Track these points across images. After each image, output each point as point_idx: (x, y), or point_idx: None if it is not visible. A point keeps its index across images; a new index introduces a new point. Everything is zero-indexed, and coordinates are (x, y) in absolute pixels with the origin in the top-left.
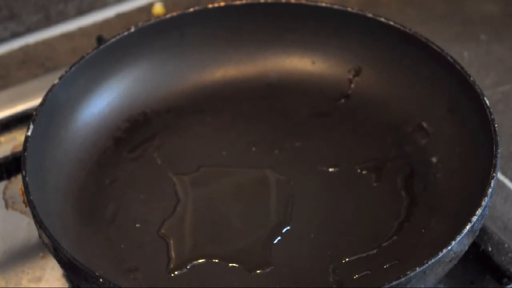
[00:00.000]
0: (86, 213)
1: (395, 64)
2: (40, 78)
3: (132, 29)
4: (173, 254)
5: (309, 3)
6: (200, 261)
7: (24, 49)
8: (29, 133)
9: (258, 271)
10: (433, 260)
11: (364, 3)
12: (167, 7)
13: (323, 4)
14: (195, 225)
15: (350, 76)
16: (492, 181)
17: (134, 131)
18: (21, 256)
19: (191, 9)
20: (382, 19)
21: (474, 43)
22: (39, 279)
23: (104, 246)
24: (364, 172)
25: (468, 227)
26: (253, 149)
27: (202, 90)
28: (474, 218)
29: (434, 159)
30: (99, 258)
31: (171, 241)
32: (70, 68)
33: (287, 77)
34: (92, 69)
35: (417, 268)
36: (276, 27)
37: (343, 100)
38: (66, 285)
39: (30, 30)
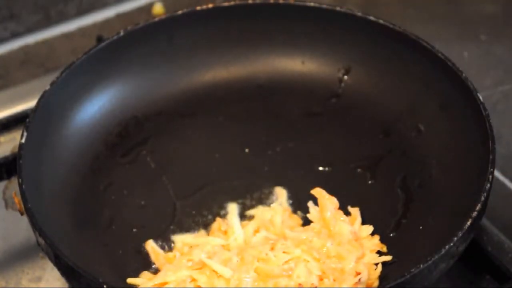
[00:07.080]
0: (82, 220)
1: (385, 62)
2: (40, 78)
3: (121, 33)
4: None
5: (298, 3)
6: None
7: (24, 49)
8: (23, 140)
9: None
10: (436, 257)
11: (363, 3)
12: (167, 7)
13: (311, 4)
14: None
15: (340, 75)
16: (490, 176)
17: (126, 135)
18: (21, 256)
19: (179, 12)
20: (371, 18)
21: (474, 43)
22: (39, 279)
23: (102, 252)
24: (358, 170)
25: (469, 222)
26: (246, 150)
27: (193, 93)
28: (475, 214)
29: (427, 157)
30: (97, 264)
31: None
32: (61, 74)
33: (277, 78)
34: (82, 75)
35: (422, 265)
36: (265, 28)
37: (334, 100)
38: (66, 285)
39: (30, 30)
